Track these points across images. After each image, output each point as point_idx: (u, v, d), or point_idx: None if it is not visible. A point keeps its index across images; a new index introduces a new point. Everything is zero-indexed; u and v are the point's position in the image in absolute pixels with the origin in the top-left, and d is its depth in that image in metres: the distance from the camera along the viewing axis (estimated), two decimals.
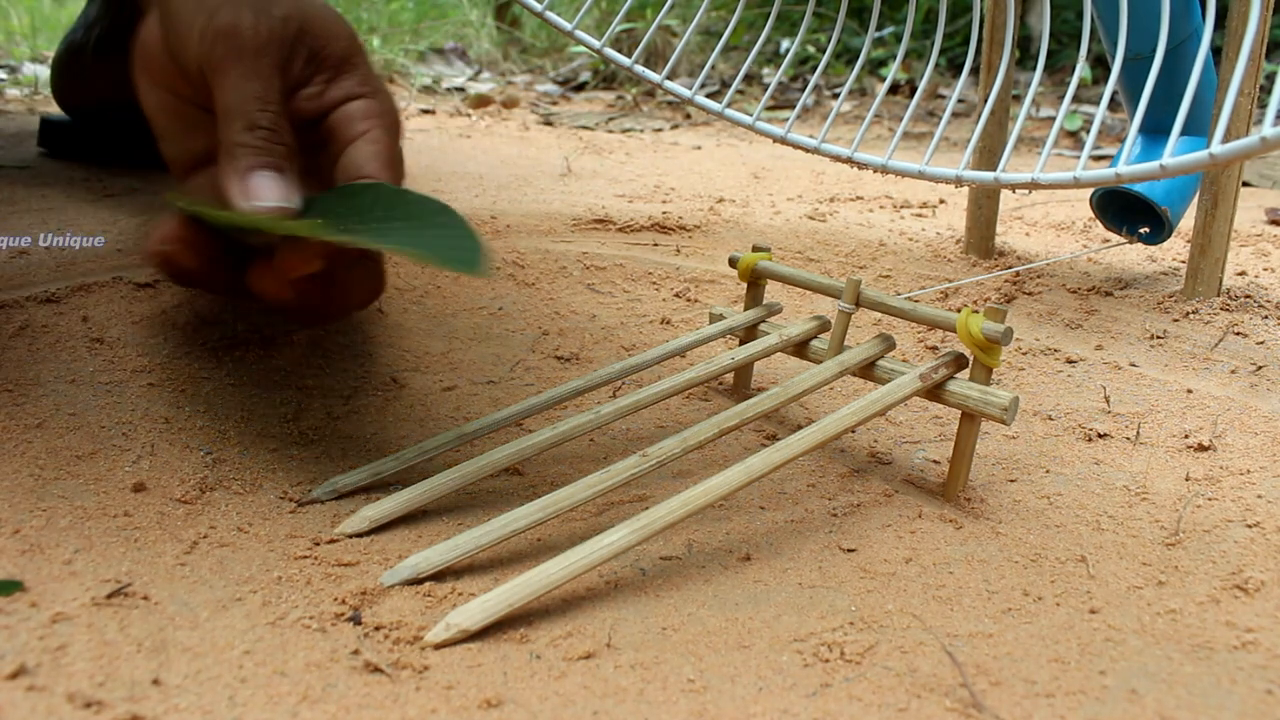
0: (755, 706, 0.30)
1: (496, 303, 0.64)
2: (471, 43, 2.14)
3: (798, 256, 0.78)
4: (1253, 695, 0.32)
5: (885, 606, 0.36)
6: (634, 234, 0.81)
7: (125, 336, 0.54)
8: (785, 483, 0.45)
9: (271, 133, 0.42)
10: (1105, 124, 1.49)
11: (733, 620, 0.35)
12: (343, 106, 0.45)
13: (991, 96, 0.59)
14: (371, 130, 0.45)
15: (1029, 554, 0.40)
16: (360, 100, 0.45)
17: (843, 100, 0.58)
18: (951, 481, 0.44)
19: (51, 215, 0.71)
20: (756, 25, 1.98)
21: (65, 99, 0.91)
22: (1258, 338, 0.61)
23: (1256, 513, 0.43)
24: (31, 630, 0.31)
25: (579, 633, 0.34)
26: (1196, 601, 0.37)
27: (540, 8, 0.59)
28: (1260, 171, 1.19)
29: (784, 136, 0.57)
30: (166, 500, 0.40)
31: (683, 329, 0.63)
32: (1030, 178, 0.49)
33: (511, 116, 1.56)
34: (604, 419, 0.43)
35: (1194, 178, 0.70)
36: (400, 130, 0.47)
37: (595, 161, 1.16)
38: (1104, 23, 0.67)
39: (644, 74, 0.60)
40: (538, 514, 0.36)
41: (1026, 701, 0.31)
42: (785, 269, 0.51)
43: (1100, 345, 0.62)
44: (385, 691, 0.30)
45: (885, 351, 0.47)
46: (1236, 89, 0.43)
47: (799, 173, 1.15)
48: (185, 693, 0.29)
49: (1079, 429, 0.51)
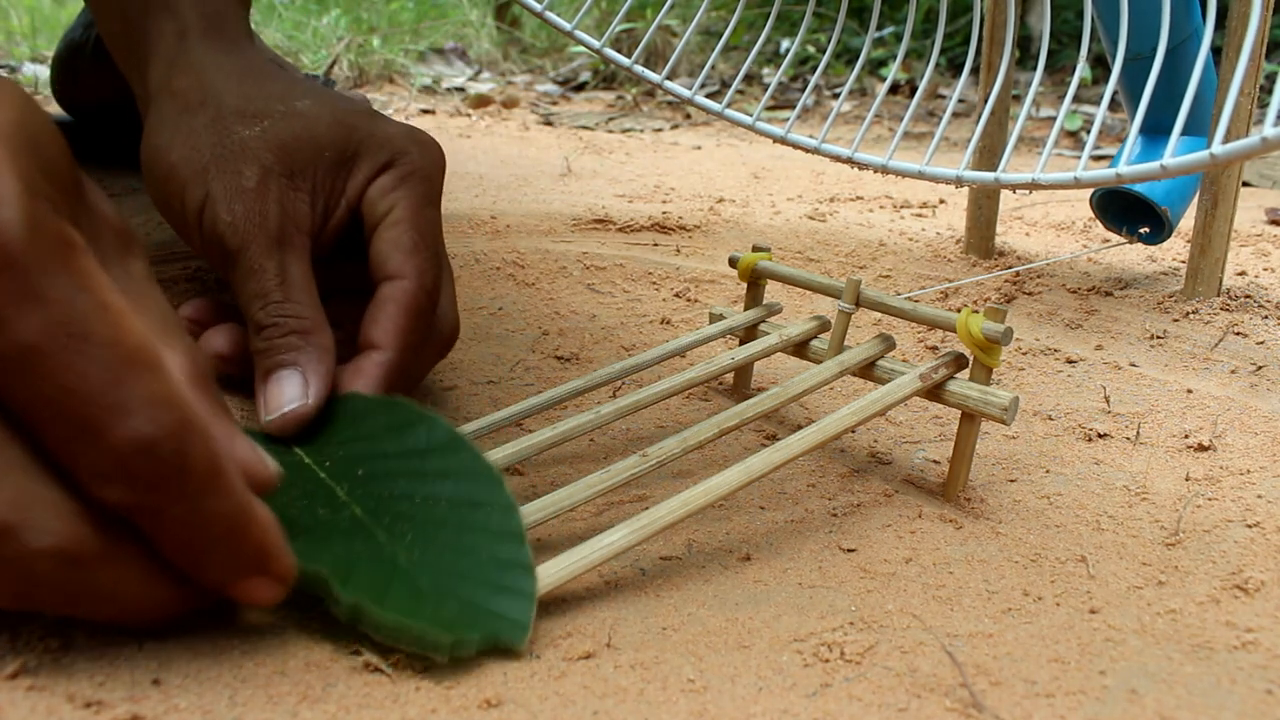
0: (755, 706, 0.30)
1: (496, 303, 0.64)
2: (471, 43, 2.14)
3: (798, 256, 0.78)
4: (1253, 695, 0.32)
5: (885, 606, 0.36)
6: (634, 234, 0.81)
7: None
8: (785, 483, 0.45)
9: (276, 328, 0.40)
10: (1105, 124, 1.49)
11: (733, 620, 0.35)
12: (365, 192, 0.44)
13: (991, 96, 0.59)
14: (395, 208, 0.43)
15: (1029, 554, 0.40)
16: (382, 177, 0.43)
17: (843, 100, 0.58)
18: (951, 481, 0.44)
19: None
20: (756, 25, 1.98)
21: (65, 99, 0.91)
22: (1258, 338, 0.61)
23: (1256, 513, 0.43)
24: (31, 630, 0.31)
25: (579, 633, 0.34)
26: (1196, 601, 0.37)
27: (540, 8, 0.59)
28: (1260, 171, 1.19)
29: (784, 136, 0.57)
30: None
31: (683, 329, 0.63)
32: (1030, 178, 0.49)
33: (511, 116, 1.56)
34: (604, 419, 0.43)
35: (1194, 178, 0.70)
36: (432, 178, 0.44)
37: (595, 161, 1.16)
38: (1104, 23, 0.67)
39: (644, 74, 0.60)
40: (537, 514, 0.36)
41: (1026, 701, 0.31)
42: (785, 269, 0.51)
43: (1100, 345, 0.62)
44: (385, 691, 0.30)
45: (885, 351, 0.47)
46: (1237, 89, 0.43)
47: (799, 173, 1.15)
48: (185, 693, 0.29)
49: (1079, 429, 0.51)
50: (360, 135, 0.44)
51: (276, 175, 0.42)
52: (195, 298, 0.47)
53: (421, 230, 0.43)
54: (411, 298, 0.42)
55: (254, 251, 0.40)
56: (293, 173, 0.42)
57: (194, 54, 0.45)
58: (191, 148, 0.42)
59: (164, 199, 0.43)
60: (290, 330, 0.40)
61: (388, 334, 0.41)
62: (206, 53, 0.45)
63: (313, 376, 0.39)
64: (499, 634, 0.31)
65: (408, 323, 0.42)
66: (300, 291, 0.41)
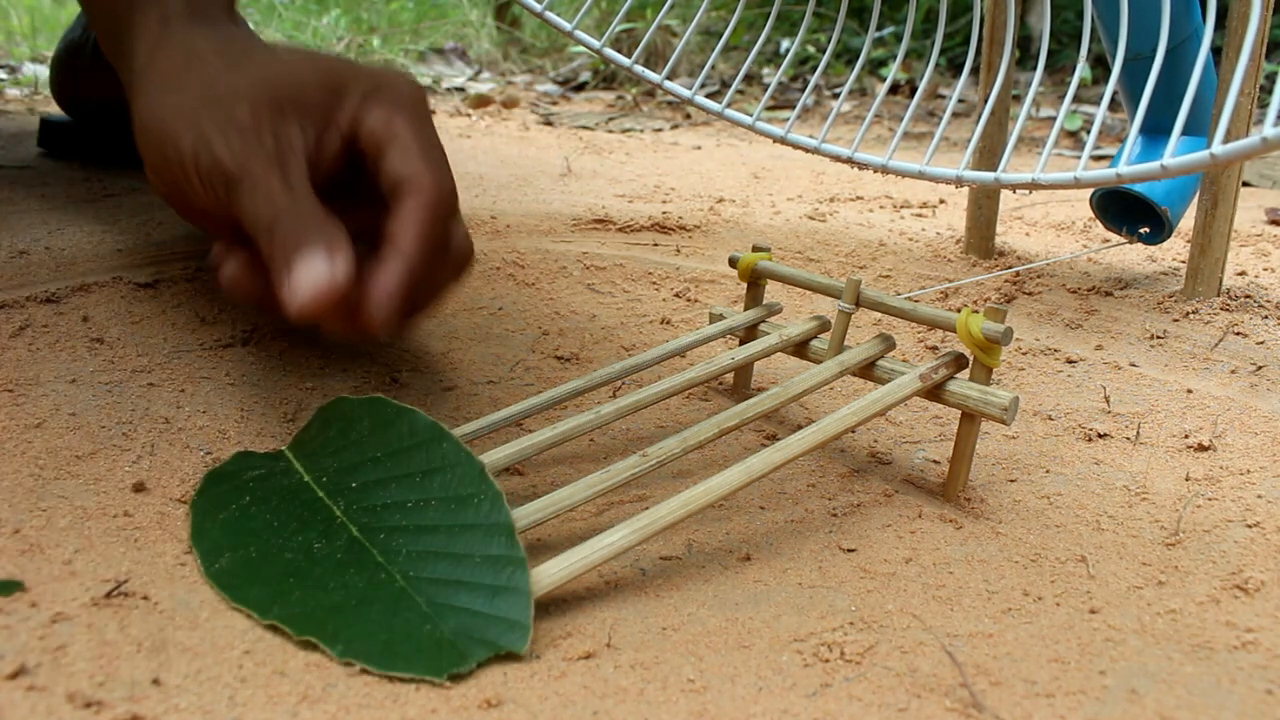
0: (755, 706, 0.30)
1: (496, 303, 0.64)
2: (471, 43, 2.14)
3: (798, 256, 0.78)
4: (1253, 695, 0.32)
5: (885, 606, 0.36)
6: (634, 234, 0.81)
7: (125, 336, 0.54)
8: (785, 483, 0.45)
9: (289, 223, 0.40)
10: (1105, 124, 1.49)
11: (733, 620, 0.35)
12: (361, 122, 0.44)
13: (991, 96, 0.59)
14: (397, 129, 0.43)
15: (1029, 554, 0.40)
16: (374, 106, 0.44)
17: (843, 100, 0.58)
18: (951, 481, 0.44)
19: (51, 215, 0.71)
20: (756, 25, 1.98)
21: (65, 98, 0.91)
22: (1258, 338, 0.61)
23: (1256, 513, 0.43)
24: (31, 630, 0.31)
25: (579, 633, 0.34)
26: (1196, 601, 0.37)
27: (540, 8, 0.59)
28: (1260, 171, 1.19)
29: (784, 136, 0.57)
30: (166, 500, 0.40)
31: (683, 329, 0.63)
32: (1030, 178, 0.49)
33: (511, 116, 1.56)
34: (604, 419, 0.43)
35: (1194, 178, 0.70)
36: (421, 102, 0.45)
37: (595, 161, 1.16)
38: (1104, 23, 0.67)
39: (644, 74, 0.60)
40: (537, 514, 0.36)
41: (1026, 701, 0.31)
42: (785, 269, 0.51)
43: (1100, 345, 0.62)
44: (385, 691, 0.30)
45: (885, 351, 0.47)
46: (1237, 89, 0.43)
47: (799, 173, 1.15)
48: (185, 693, 0.29)
49: (1079, 429, 0.51)
50: (342, 69, 0.45)
51: (267, 110, 0.42)
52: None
53: (431, 142, 0.44)
54: (432, 198, 0.42)
55: (255, 170, 0.41)
56: (282, 107, 0.43)
57: (176, 34, 0.46)
58: (180, 101, 0.43)
59: (160, 157, 0.44)
60: (304, 220, 0.40)
61: (409, 231, 0.41)
62: (189, 31, 0.46)
63: (336, 253, 0.39)
64: (500, 641, 0.32)
65: (429, 222, 0.41)
66: (307, 196, 0.41)
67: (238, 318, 0.57)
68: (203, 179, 0.42)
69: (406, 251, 0.40)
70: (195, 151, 0.41)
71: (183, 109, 0.42)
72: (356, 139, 0.44)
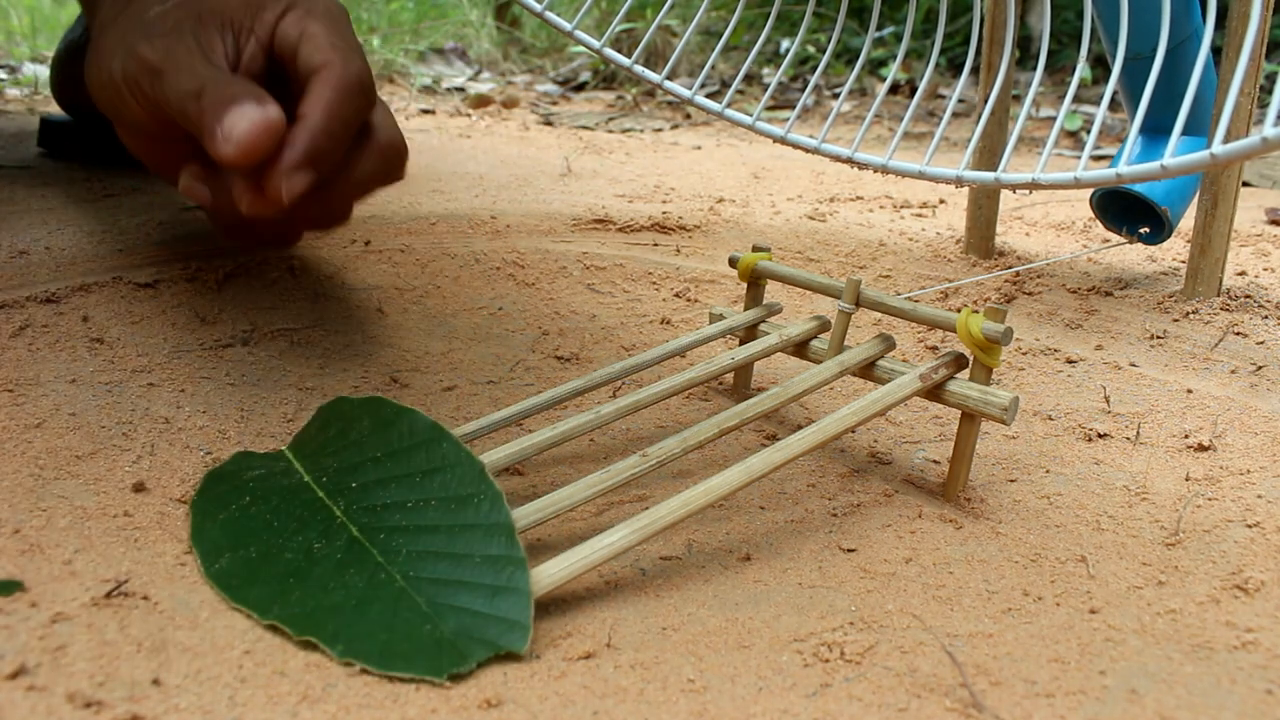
0: (755, 706, 0.30)
1: (496, 303, 0.64)
2: (471, 43, 2.14)
3: (798, 256, 0.78)
4: (1253, 695, 0.32)
5: (885, 606, 0.36)
6: (634, 234, 0.81)
7: (125, 336, 0.54)
8: (785, 483, 0.45)
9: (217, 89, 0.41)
10: (1105, 124, 1.49)
11: (733, 620, 0.35)
12: (276, 30, 0.46)
13: (991, 96, 0.59)
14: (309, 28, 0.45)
15: (1029, 554, 0.40)
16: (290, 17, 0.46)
17: (843, 100, 0.58)
18: (951, 481, 0.44)
19: (51, 215, 0.71)
20: (756, 25, 1.98)
21: (65, 98, 0.91)
22: (1258, 338, 0.61)
23: (1256, 513, 0.43)
24: (31, 630, 0.31)
25: (579, 633, 0.34)
26: (1196, 601, 0.37)
27: (540, 8, 0.59)
28: (1260, 171, 1.19)
29: (784, 136, 0.57)
30: (166, 500, 0.40)
31: (683, 329, 0.63)
32: (1031, 178, 0.49)
33: (511, 116, 1.56)
34: (604, 419, 0.43)
35: (1194, 178, 0.70)
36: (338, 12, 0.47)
37: (595, 161, 1.16)
38: (1104, 23, 0.67)
39: (644, 74, 0.60)
40: (537, 514, 0.36)
41: (1026, 701, 0.31)
42: (785, 269, 0.51)
43: (1100, 345, 0.62)
44: (385, 691, 0.30)
45: (885, 351, 0.47)
46: (1237, 89, 0.43)
47: (799, 173, 1.15)
48: (185, 693, 0.29)
49: (1079, 429, 0.51)
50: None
51: (190, 20, 0.45)
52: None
53: (341, 34, 0.45)
54: (338, 75, 0.43)
55: (179, 55, 0.43)
56: (203, 18, 0.45)
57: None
58: (115, 34, 0.45)
59: (99, 86, 0.46)
60: (232, 83, 0.41)
61: (315, 106, 0.43)
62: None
63: (266, 102, 0.40)
64: (500, 641, 0.32)
65: (336, 100, 0.43)
66: (230, 72, 0.43)
67: (238, 318, 0.57)
68: (130, 87, 0.44)
69: (312, 120, 0.42)
70: (124, 66, 0.44)
71: (115, 42, 0.45)
72: (273, 48, 0.46)
